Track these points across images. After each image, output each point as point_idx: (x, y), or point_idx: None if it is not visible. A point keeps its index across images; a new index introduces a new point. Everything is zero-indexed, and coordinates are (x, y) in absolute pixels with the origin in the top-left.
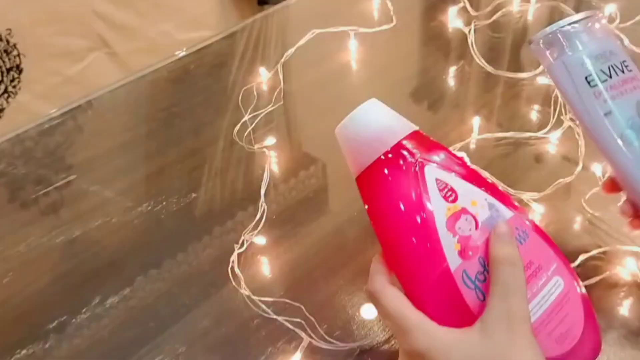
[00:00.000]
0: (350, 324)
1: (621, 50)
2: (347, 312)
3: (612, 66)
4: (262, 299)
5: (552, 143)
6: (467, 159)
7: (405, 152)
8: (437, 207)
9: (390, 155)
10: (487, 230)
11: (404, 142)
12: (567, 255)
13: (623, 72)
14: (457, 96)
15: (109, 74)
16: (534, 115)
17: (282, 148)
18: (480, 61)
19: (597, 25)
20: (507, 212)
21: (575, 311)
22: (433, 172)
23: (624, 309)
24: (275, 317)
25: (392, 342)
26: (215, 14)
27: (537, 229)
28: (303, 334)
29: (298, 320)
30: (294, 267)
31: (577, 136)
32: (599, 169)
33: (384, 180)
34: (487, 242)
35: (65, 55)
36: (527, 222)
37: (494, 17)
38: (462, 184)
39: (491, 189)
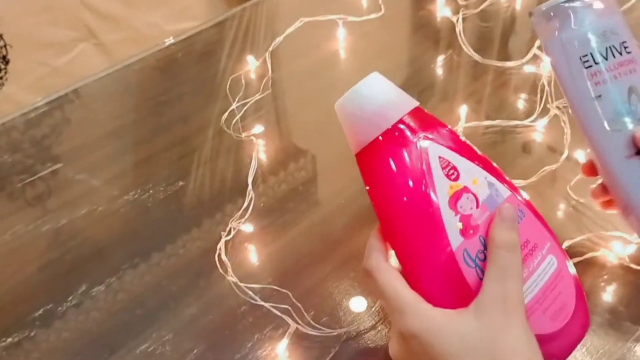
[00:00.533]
0: (337, 311)
1: (624, 28)
2: (334, 299)
3: (610, 47)
4: (249, 285)
5: (538, 131)
6: None
7: (408, 129)
8: (440, 185)
9: (393, 133)
10: (487, 209)
11: (406, 119)
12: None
13: (621, 54)
14: (445, 85)
15: (97, 65)
16: (521, 103)
17: (270, 136)
18: (468, 50)
19: (600, 1)
20: (505, 191)
21: (568, 289)
22: (436, 150)
23: (608, 293)
24: (262, 303)
25: (379, 328)
26: (203, 5)
27: (531, 207)
28: (290, 320)
29: (285, 306)
30: (281, 255)
31: (562, 124)
32: (583, 156)
33: (387, 157)
34: (488, 221)
35: (52, 46)
36: (523, 201)
37: (483, 6)
38: (463, 162)
39: (489, 167)
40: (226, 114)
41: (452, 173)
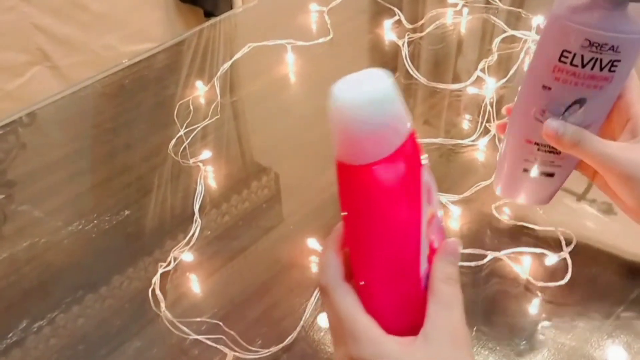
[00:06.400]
0: (277, 336)
1: (633, 50)
2: (279, 326)
3: (595, 59)
4: (185, 320)
5: (480, 150)
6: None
7: (409, 152)
8: (424, 210)
9: (401, 152)
10: (438, 232)
11: (409, 140)
12: (480, 254)
13: (602, 69)
14: None
15: (51, 89)
16: (465, 124)
17: (217, 162)
18: (413, 73)
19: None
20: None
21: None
22: (425, 175)
23: (516, 304)
24: (196, 337)
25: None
26: (160, 27)
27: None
28: (227, 350)
29: (219, 336)
30: (226, 283)
31: (497, 143)
32: None
33: (386, 180)
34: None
35: (4, 70)
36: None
37: (428, 30)
38: (433, 185)
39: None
40: (174, 140)
41: (430, 198)
